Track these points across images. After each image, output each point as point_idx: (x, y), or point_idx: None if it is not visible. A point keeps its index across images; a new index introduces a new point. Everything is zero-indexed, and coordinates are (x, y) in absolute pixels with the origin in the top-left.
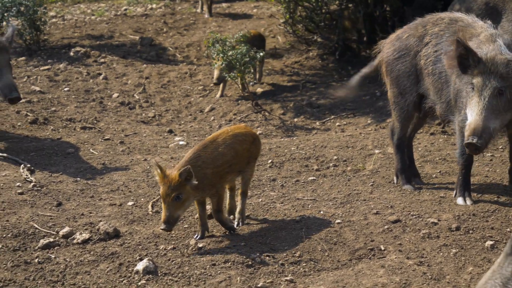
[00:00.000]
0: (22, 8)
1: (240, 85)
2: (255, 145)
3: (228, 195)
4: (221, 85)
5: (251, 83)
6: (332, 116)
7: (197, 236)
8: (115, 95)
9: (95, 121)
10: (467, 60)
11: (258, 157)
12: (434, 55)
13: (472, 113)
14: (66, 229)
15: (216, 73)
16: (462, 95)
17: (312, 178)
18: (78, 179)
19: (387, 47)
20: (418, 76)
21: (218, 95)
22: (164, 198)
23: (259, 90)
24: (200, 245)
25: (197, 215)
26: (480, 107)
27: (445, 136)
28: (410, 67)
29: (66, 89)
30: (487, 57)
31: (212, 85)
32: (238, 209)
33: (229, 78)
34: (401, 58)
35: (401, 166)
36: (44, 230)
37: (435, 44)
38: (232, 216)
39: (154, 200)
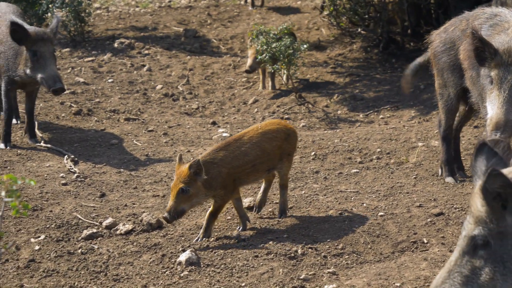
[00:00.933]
0: (66, 0)
1: (283, 77)
2: (289, 141)
3: (262, 187)
4: (269, 77)
5: (294, 75)
6: (376, 109)
7: (239, 228)
8: (159, 86)
9: (138, 113)
10: (483, 52)
11: (295, 152)
12: None
13: (493, 107)
14: (109, 220)
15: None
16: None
17: (355, 170)
18: (122, 170)
19: (436, 38)
20: (461, 69)
21: (270, 87)
22: (172, 189)
23: (303, 82)
24: (243, 237)
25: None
26: (500, 100)
27: None
28: (455, 60)
29: (110, 80)
30: (503, 48)
31: (255, 77)
32: (279, 201)
33: (272, 70)
34: (446, 50)
35: (446, 157)
36: (87, 221)
37: None
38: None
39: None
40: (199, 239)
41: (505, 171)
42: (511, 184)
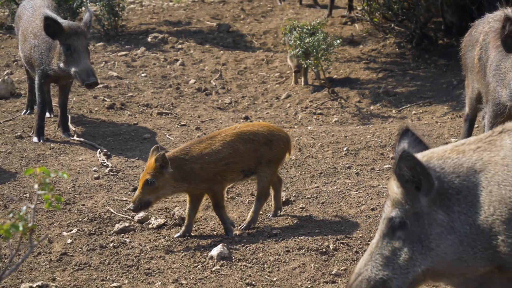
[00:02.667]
0: None
1: (315, 73)
2: (270, 147)
3: (271, 194)
4: (302, 73)
5: (327, 71)
6: (409, 104)
7: (177, 234)
8: (192, 81)
9: (171, 107)
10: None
11: (280, 160)
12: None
13: None
14: (142, 214)
15: (294, 61)
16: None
17: (387, 166)
18: None
19: (464, 39)
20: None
21: (302, 83)
22: (140, 180)
23: (335, 77)
24: (275, 232)
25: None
26: None
27: None
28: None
29: (143, 74)
30: None
31: (288, 72)
32: (251, 210)
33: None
34: (469, 52)
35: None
36: (119, 214)
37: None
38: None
39: (229, 186)
40: (228, 232)
41: (420, 155)
42: (421, 166)
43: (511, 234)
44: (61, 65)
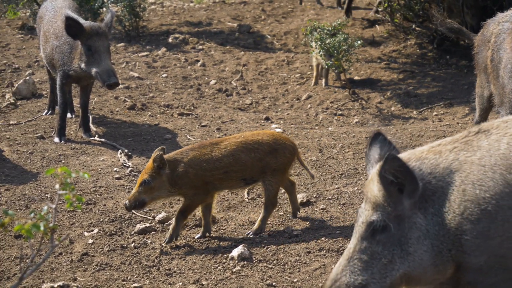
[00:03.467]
0: None
1: (336, 74)
2: (275, 156)
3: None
4: (323, 74)
5: (348, 72)
6: (430, 106)
7: (198, 235)
8: (213, 82)
9: (192, 108)
10: None
11: (286, 168)
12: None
13: None
14: (162, 214)
15: (320, 60)
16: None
17: None
18: None
19: (476, 40)
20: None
21: (323, 84)
22: (138, 179)
23: (356, 78)
24: (295, 233)
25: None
26: None
27: None
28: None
29: (164, 75)
30: None
31: (309, 73)
32: (259, 218)
33: (326, 66)
34: (481, 52)
35: None
36: (140, 215)
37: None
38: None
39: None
40: (166, 240)
41: (401, 156)
42: (407, 169)
43: (477, 234)
44: (82, 65)
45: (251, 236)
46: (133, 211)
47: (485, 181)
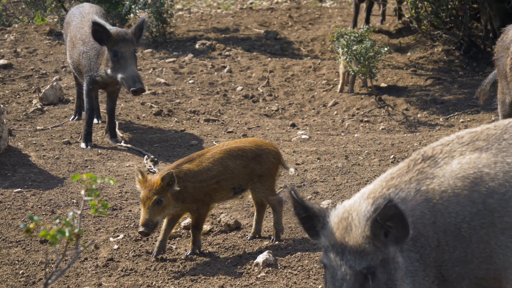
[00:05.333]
0: (149, 1)
1: (362, 80)
2: (259, 162)
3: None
4: (349, 80)
5: (374, 78)
6: (456, 112)
7: (153, 254)
8: (239, 88)
9: (218, 114)
10: None
11: (273, 173)
12: None
13: None
14: (188, 220)
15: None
16: None
17: None
18: None
19: (496, 47)
20: None
21: (348, 90)
22: (145, 202)
23: (383, 85)
24: None
25: (162, 228)
26: None
27: None
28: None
29: (190, 81)
30: None
31: (335, 79)
32: (273, 222)
33: (352, 73)
34: (501, 58)
35: None
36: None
37: None
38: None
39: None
40: (189, 253)
41: (360, 196)
42: (402, 217)
43: (455, 262)
44: (108, 71)
45: (276, 242)
46: None
47: (451, 208)
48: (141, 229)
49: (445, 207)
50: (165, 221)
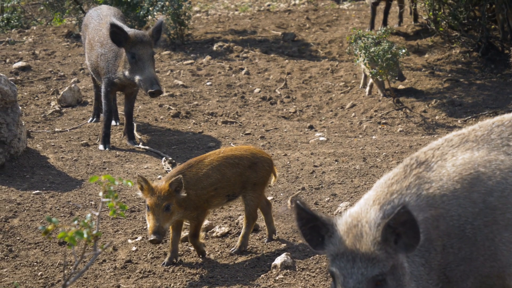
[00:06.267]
0: (167, 3)
1: (380, 82)
2: (254, 170)
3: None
4: (369, 82)
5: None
6: (474, 114)
7: (163, 263)
8: (257, 90)
9: (236, 116)
10: None
11: (265, 183)
12: None
13: None
14: (206, 222)
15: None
16: None
17: None
18: None
19: None
20: None
21: (366, 93)
22: (153, 209)
23: (400, 87)
24: None
25: (170, 239)
26: None
27: None
28: None
29: (208, 83)
30: None
31: (353, 81)
32: (241, 235)
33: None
34: None
35: None
36: (184, 223)
37: None
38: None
39: (294, 195)
40: (203, 254)
41: (364, 202)
42: (415, 224)
43: (460, 261)
44: (126, 73)
45: (235, 252)
46: None
47: (453, 211)
48: (152, 237)
49: (447, 211)
50: (171, 230)
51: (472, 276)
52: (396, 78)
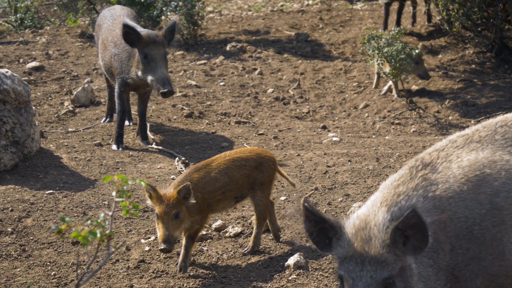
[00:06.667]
0: (180, 3)
1: (394, 82)
2: (261, 170)
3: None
4: (389, 83)
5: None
6: (488, 115)
7: (178, 270)
8: (270, 90)
9: (249, 116)
10: None
11: (271, 181)
12: None
13: None
14: (219, 222)
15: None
16: None
17: None
18: None
19: None
20: None
21: (395, 94)
22: (163, 217)
23: (414, 87)
24: None
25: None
26: None
27: None
28: None
29: (221, 83)
30: None
31: (367, 81)
32: (252, 235)
33: (383, 75)
34: None
35: None
36: None
37: None
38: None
39: (307, 195)
40: (179, 267)
41: (367, 207)
42: (424, 227)
43: (469, 261)
44: (139, 73)
45: (249, 253)
46: None
47: (460, 213)
48: (162, 246)
49: (454, 212)
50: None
51: (481, 276)
52: (420, 76)
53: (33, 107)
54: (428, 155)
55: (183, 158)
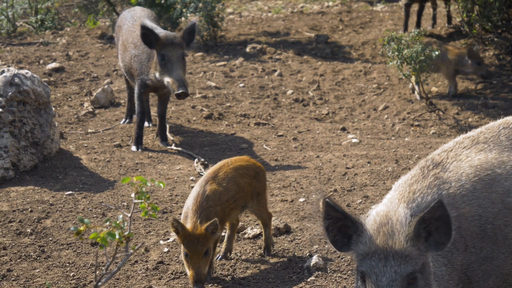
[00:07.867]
0: (200, 4)
1: (415, 84)
2: (258, 179)
3: (226, 235)
4: (415, 85)
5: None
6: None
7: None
8: (290, 91)
9: (269, 117)
10: None
11: (265, 191)
12: None
13: None
14: (256, 230)
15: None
16: None
17: None
18: None
19: None
20: None
21: (418, 96)
22: (193, 256)
23: (433, 89)
24: None
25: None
26: None
27: None
28: None
29: (241, 85)
30: None
31: (386, 83)
32: (263, 236)
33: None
34: None
35: None
36: None
37: None
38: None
39: (325, 196)
40: (207, 279)
41: (387, 203)
42: (448, 219)
43: (482, 261)
44: (157, 74)
45: (267, 255)
46: None
47: (474, 211)
48: (197, 286)
49: (468, 211)
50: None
51: (493, 275)
52: (482, 76)
53: (53, 108)
54: (438, 156)
55: (202, 159)
